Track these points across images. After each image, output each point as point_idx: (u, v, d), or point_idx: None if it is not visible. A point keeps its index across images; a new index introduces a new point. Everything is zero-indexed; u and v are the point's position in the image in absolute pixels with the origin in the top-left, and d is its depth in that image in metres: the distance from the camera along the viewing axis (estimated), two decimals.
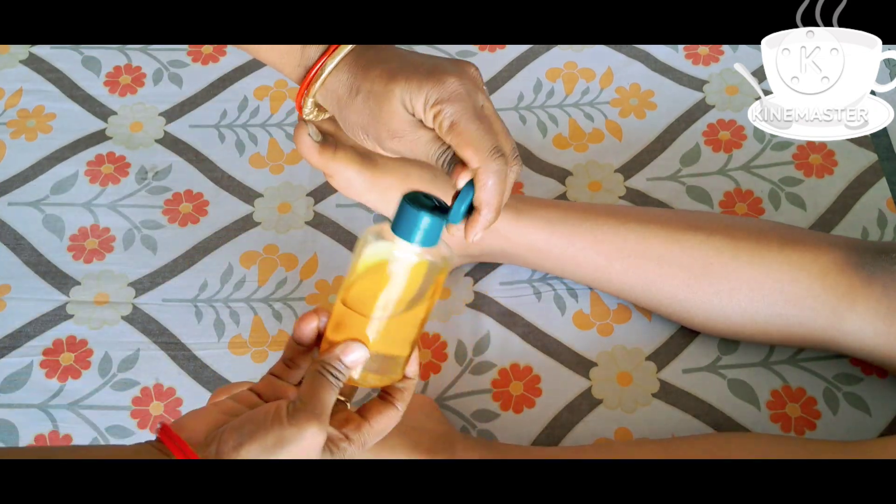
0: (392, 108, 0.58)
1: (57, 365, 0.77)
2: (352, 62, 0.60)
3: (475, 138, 0.56)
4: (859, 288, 0.67)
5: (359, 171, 0.70)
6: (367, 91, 0.59)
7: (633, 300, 0.75)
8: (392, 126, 0.59)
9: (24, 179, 0.88)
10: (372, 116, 0.59)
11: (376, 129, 0.60)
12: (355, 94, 0.60)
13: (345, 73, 0.60)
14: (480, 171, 0.56)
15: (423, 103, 0.57)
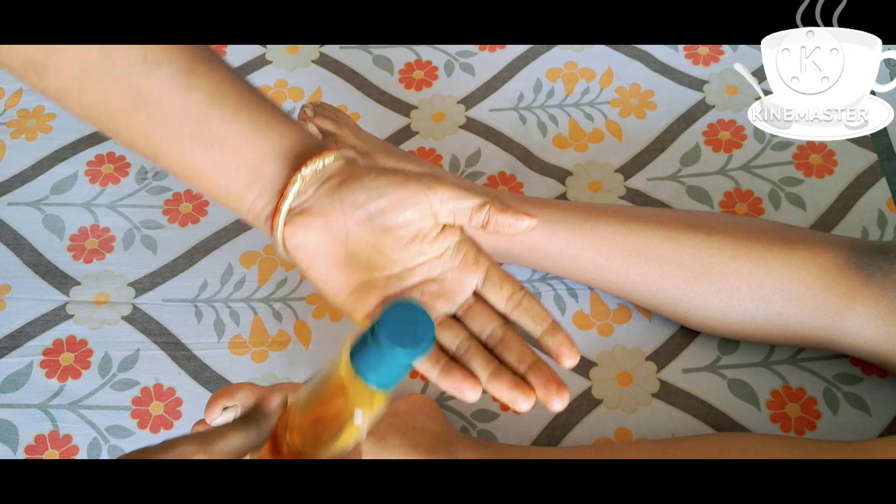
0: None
1: (57, 365, 0.77)
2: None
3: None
4: (859, 287, 0.67)
5: None
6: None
7: (634, 300, 0.75)
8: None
9: (23, 179, 0.88)
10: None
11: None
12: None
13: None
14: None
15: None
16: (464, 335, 0.53)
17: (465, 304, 0.55)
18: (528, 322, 0.53)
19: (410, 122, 0.90)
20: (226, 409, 0.60)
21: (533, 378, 0.52)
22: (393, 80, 0.93)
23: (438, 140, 0.89)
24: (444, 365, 0.52)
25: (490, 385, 0.52)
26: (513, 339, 0.53)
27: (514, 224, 0.54)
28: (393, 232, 0.54)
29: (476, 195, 0.55)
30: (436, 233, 0.55)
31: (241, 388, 0.61)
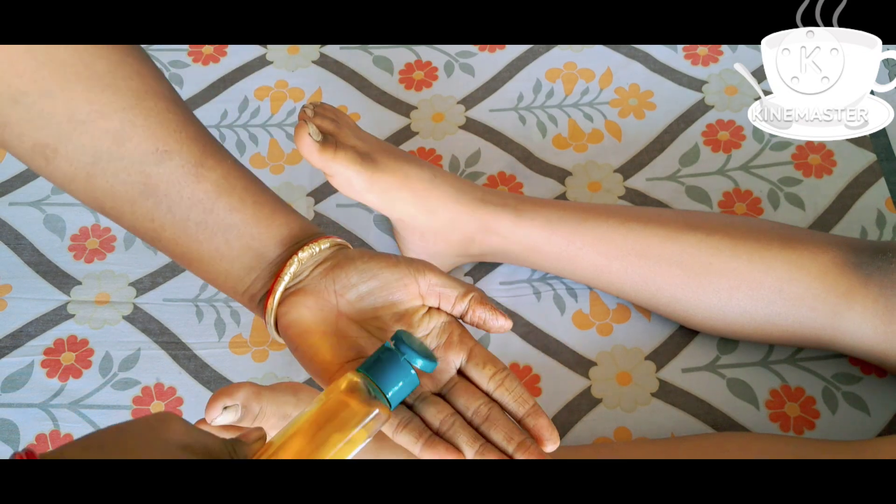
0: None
1: (58, 364, 0.78)
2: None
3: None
4: (857, 287, 0.67)
5: (359, 171, 0.71)
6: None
7: (633, 300, 0.75)
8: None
9: (24, 179, 0.88)
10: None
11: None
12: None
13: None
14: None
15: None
16: (448, 411, 0.54)
17: (449, 383, 0.56)
18: (510, 403, 0.54)
19: (410, 123, 0.91)
20: (226, 408, 0.60)
21: (520, 457, 0.53)
22: (393, 81, 0.94)
23: (438, 140, 0.89)
24: (428, 438, 0.53)
25: (479, 454, 0.52)
26: (499, 416, 0.54)
27: (490, 320, 0.56)
28: (382, 311, 0.56)
29: (461, 285, 0.57)
30: (422, 313, 0.57)
31: (241, 387, 0.61)
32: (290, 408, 0.62)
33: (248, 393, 0.61)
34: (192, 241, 0.58)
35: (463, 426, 0.54)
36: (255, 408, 0.61)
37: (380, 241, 0.83)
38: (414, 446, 0.53)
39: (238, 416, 0.61)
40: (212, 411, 0.61)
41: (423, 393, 0.55)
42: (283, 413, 0.62)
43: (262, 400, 0.61)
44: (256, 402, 0.61)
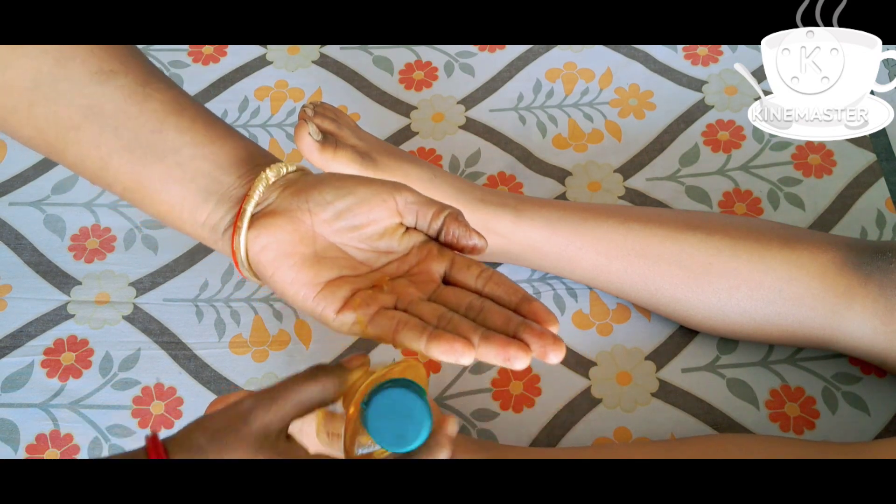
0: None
1: (58, 364, 0.78)
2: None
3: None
4: (857, 287, 0.67)
5: (359, 171, 0.71)
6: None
7: (633, 300, 0.75)
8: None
9: (24, 179, 0.88)
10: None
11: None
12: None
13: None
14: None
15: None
16: (443, 309, 0.52)
17: (437, 290, 0.54)
18: (502, 295, 0.52)
19: (410, 123, 0.91)
20: None
21: (525, 335, 0.50)
22: (393, 81, 0.94)
23: (438, 140, 0.89)
24: (431, 332, 0.50)
25: (482, 347, 0.50)
26: (493, 306, 0.52)
27: (463, 238, 0.54)
28: (360, 230, 0.54)
29: (437, 203, 0.55)
30: (401, 233, 0.55)
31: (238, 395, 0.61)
32: None
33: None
34: (141, 167, 0.54)
35: (461, 318, 0.51)
36: None
37: None
38: (418, 343, 0.50)
39: None
40: None
41: (412, 299, 0.53)
42: None
43: None
44: None
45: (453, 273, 0.54)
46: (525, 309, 0.51)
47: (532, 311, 0.51)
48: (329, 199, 0.54)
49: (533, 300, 0.52)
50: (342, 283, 0.53)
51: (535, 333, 0.50)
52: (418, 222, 0.55)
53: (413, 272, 0.54)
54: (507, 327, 0.50)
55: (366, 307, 0.52)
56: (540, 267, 0.77)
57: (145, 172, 0.54)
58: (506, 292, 0.52)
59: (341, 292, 0.53)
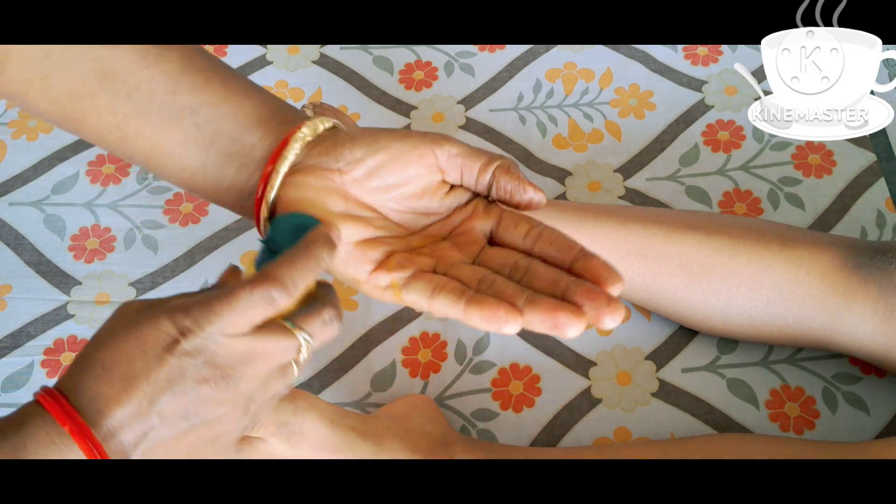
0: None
1: (58, 364, 0.78)
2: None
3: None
4: (857, 287, 0.67)
5: None
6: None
7: (633, 299, 0.75)
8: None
9: (24, 179, 0.88)
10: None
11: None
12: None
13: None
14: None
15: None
16: (485, 271, 0.47)
17: (480, 252, 0.49)
18: (554, 253, 0.46)
19: (410, 123, 0.91)
20: None
21: (576, 297, 0.43)
22: (393, 81, 0.94)
23: None
24: (470, 296, 0.45)
25: (528, 312, 0.44)
26: (540, 266, 0.46)
27: (517, 192, 0.49)
28: (395, 189, 0.49)
29: (485, 154, 0.49)
30: (444, 191, 0.50)
31: None
32: (288, 415, 0.62)
33: None
34: (158, 132, 0.51)
35: (505, 281, 0.46)
36: None
37: None
38: (455, 307, 0.45)
39: None
40: None
41: (453, 262, 0.48)
42: (280, 420, 0.62)
43: None
44: None
45: (500, 232, 0.49)
46: (581, 266, 0.45)
47: (590, 267, 0.44)
48: (360, 157, 0.49)
49: (592, 255, 0.45)
50: (377, 244, 0.49)
51: (587, 294, 0.43)
52: (464, 178, 0.50)
53: (455, 233, 0.49)
54: (555, 288, 0.44)
55: (401, 269, 0.47)
56: None
57: (163, 137, 0.52)
58: (559, 249, 0.46)
59: (375, 253, 0.49)
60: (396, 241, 0.49)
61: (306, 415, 0.62)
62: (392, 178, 0.49)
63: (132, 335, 0.46)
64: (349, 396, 0.75)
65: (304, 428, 0.62)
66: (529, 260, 0.47)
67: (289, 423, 0.61)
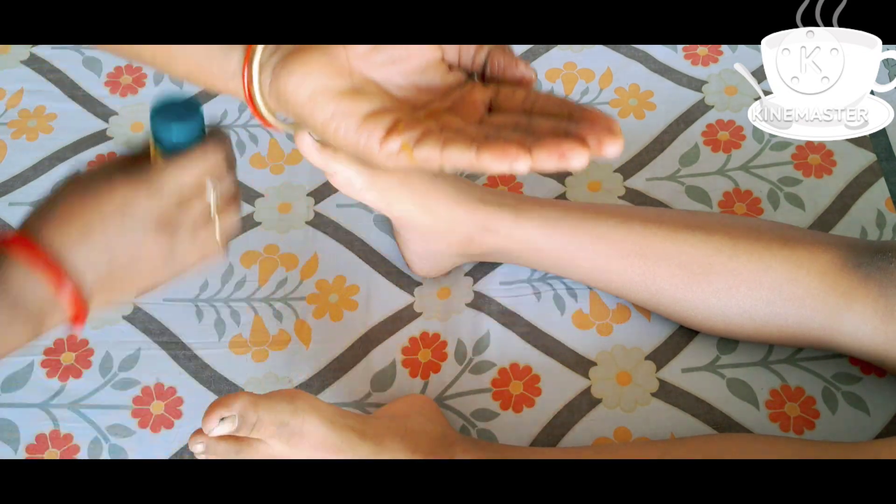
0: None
1: (58, 364, 0.78)
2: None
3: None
4: (857, 287, 0.67)
5: (358, 171, 0.71)
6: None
7: (633, 299, 0.75)
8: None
9: (25, 180, 0.88)
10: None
11: None
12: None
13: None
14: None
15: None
16: (490, 127, 0.49)
17: (482, 119, 0.50)
18: (552, 109, 0.49)
19: None
20: (223, 419, 0.60)
21: (578, 130, 0.46)
22: None
23: None
24: (482, 141, 0.47)
25: (535, 152, 0.46)
26: (541, 119, 0.48)
27: (510, 67, 0.51)
28: (399, 63, 0.52)
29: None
30: (444, 70, 0.52)
31: (237, 397, 0.61)
32: (288, 416, 0.62)
33: (245, 403, 0.61)
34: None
35: (510, 132, 0.48)
36: (252, 417, 0.61)
37: (380, 240, 0.83)
38: (468, 155, 0.47)
39: (235, 426, 0.61)
40: (209, 422, 0.61)
41: (457, 126, 0.49)
42: (280, 421, 0.62)
43: (259, 409, 0.61)
44: (253, 412, 0.61)
45: (499, 100, 0.51)
46: (578, 115, 0.48)
47: (585, 114, 0.47)
48: None
49: (586, 106, 0.48)
50: (385, 113, 0.50)
51: (589, 126, 0.46)
52: (461, 57, 0.52)
53: (456, 105, 0.51)
54: (557, 130, 0.47)
55: (411, 131, 0.49)
56: (540, 266, 0.77)
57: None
58: (556, 105, 0.49)
59: (384, 121, 0.50)
60: (402, 112, 0.51)
61: (305, 415, 0.62)
62: (396, 52, 0.51)
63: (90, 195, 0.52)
64: (349, 396, 0.75)
65: (303, 428, 0.62)
66: (530, 117, 0.49)
67: (288, 424, 0.62)
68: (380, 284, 0.80)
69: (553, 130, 0.47)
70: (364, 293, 0.80)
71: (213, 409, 0.61)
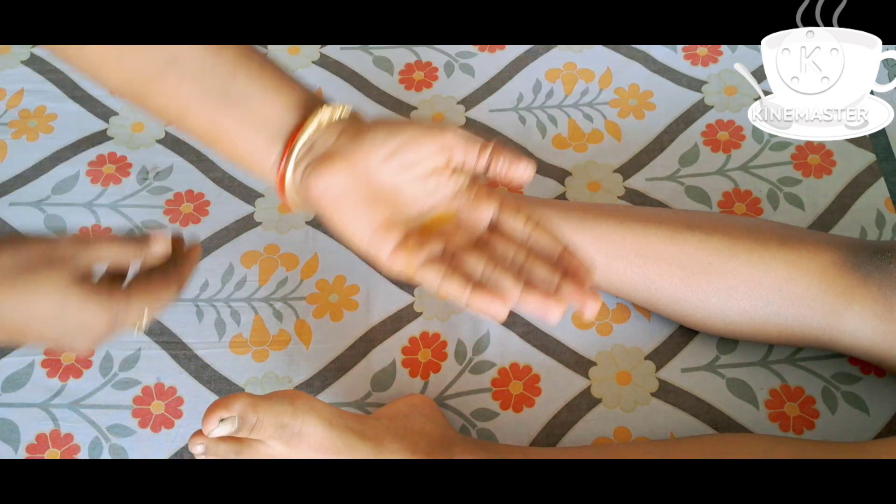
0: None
1: (58, 364, 0.78)
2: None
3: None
4: (856, 287, 0.67)
5: None
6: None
7: (632, 299, 0.75)
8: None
9: (25, 180, 0.88)
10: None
11: None
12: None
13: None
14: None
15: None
16: (487, 260, 0.55)
17: (483, 238, 0.57)
18: (546, 246, 0.56)
19: None
20: (223, 420, 0.61)
21: (567, 285, 0.54)
22: (393, 81, 0.94)
23: None
24: (475, 286, 0.54)
25: (524, 297, 0.53)
26: (535, 263, 0.55)
27: (512, 164, 0.56)
28: (411, 168, 0.56)
29: (480, 138, 0.57)
30: (450, 172, 0.57)
31: (237, 398, 0.61)
32: (287, 417, 0.62)
33: (244, 404, 0.61)
34: (217, 112, 0.58)
35: (503, 271, 0.55)
36: (252, 418, 0.61)
37: None
38: (462, 295, 0.54)
39: (235, 428, 0.61)
40: (208, 424, 0.61)
41: (459, 245, 0.56)
42: (280, 423, 0.62)
43: (259, 410, 0.62)
44: (253, 413, 0.61)
45: (501, 219, 0.57)
46: (566, 261, 0.55)
47: (571, 264, 0.55)
48: (382, 139, 0.56)
49: (573, 254, 0.55)
50: (396, 224, 0.56)
51: (574, 290, 0.54)
52: (466, 158, 0.57)
53: (462, 213, 0.57)
54: (547, 285, 0.54)
55: (417, 251, 0.55)
56: None
57: (221, 118, 0.58)
58: (549, 242, 0.56)
59: (394, 234, 0.56)
60: (412, 221, 0.57)
61: (305, 417, 0.63)
62: (409, 156, 0.56)
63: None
64: (349, 396, 0.75)
65: (303, 430, 0.62)
66: (528, 252, 0.56)
67: (288, 426, 0.62)
68: (380, 284, 0.80)
69: (545, 283, 0.54)
70: (364, 293, 0.80)
71: (213, 410, 0.61)
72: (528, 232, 0.56)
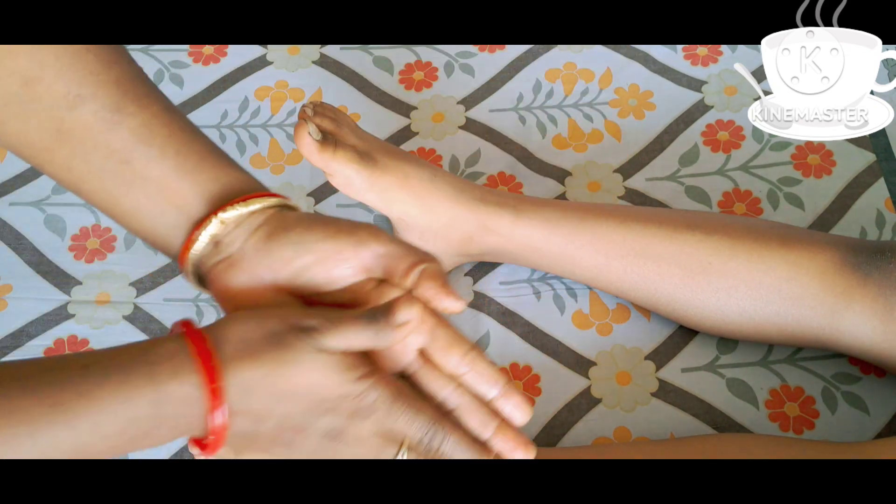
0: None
1: None
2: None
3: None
4: (856, 287, 0.67)
5: (358, 171, 0.71)
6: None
7: (632, 299, 0.75)
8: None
9: (25, 179, 0.88)
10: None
11: None
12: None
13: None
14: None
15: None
16: (425, 417, 0.50)
17: (412, 365, 0.52)
18: (482, 385, 0.53)
19: (410, 123, 0.91)
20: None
21: (499, 442, 0.53)
22: (393, 81, 0.94)
23: (438, 140, 0.89)
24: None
25: (455, 450, 0.52)
26: (469, 403, 0.53)
27: (435, 299, 0.51)
28: (322, 288, 0.52)
29: (412, 254, 0.52)
30: (371, 287, 0.52)
31: None
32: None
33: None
34: (112, 196, 0.53)
35: (440, 428, 0.51)
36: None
37: None
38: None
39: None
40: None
41: (382, 375, 0.50)
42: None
43: None
44: None
45: (433, 350, 0.52)
46: (503, 404, 0.53)
47: (511, 405, 0.54)
48: (288, 257, 0.51)
49: (514, 392, 0.53)
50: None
51: (507, 441, 0.53)
52: (389, 278, 0.52)
53: (392, 349, 0.51)
54: (482, 430, 0.53)
55: None
56: (539, 266, 0.77)
57: (117, 201, 0.54)
58: (487, 380, 0.53)
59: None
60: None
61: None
62: (317, 279, 0.52)
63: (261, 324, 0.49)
64: None
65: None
66: (461, 394, 0.52)
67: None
68: None
69: (480, 425, 0.53)
70: None
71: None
72: (462, 370, 0.52)
